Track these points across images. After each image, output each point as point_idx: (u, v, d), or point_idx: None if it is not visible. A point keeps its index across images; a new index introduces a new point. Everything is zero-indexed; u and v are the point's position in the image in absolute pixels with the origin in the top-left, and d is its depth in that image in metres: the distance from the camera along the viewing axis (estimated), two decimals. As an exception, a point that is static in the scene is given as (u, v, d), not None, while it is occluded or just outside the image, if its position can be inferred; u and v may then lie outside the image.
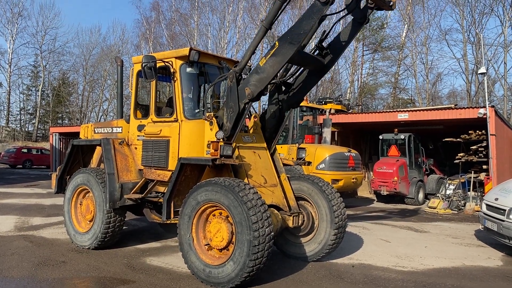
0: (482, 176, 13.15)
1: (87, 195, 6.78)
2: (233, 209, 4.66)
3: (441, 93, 37.92)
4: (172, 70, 6.10)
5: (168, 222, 5.59)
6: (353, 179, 12.18)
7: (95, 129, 7.58)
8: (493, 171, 12.20)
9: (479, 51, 27.96)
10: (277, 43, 5.11)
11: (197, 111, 6.36)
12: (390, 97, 35.29)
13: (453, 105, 16.89)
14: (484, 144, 13.16)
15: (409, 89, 35.57)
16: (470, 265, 6.32)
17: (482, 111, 12.32)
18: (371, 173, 15.27)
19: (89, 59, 45.90)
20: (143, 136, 6.47)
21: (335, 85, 34.43)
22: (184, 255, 5.10)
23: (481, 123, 12.76)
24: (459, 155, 14.26)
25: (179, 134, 5.96)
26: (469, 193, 12.91)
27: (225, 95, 5.90)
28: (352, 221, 9.74)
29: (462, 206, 12.53)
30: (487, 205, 7.41)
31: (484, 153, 13.37)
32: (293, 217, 5.66)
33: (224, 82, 6.29)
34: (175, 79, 6.09)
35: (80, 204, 6.89)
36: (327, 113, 14.62)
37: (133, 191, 6.39)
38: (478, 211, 9.57)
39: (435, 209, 12.48)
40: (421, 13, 33.06)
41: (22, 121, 47.55)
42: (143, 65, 5.83)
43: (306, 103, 13.83)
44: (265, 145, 6.12)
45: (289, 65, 5.88)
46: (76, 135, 16.54)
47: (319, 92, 32.50)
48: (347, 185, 12.11)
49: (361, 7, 5.33)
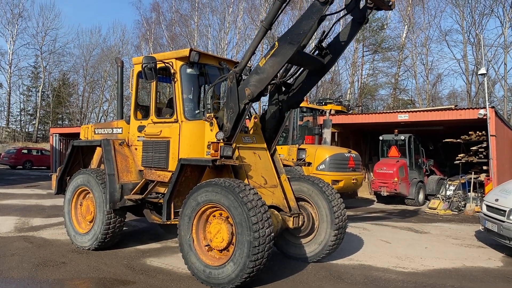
0: (482, 177, 13.14)
1: (87, 196, 6.77)
2: (233, 210, 4.66)
3: (441, 94, 37.96)
4: (172, 71, 6.10)
5: (168, 223, 5.59)
6: (353, 180, 12.18)
7: (95, 130, 7.59)
8: (493, 172, 12.20)
9: (479, 52, 27.98)
10: (276, 43, 5.11)
11: (197, 112, 6.37)
12: (390, 98, 35.32)
13: (453, 106, 16.86)
14: (484, 145, 13.16)
15: (409, 90, 35.63)
16: (470, 266, 6.32)
17: (482, 112, 12.32)
18: (371, 174, 15.26)
19: (89, 60, 46.02)
20: (143, 137, 6.47)
21: (335, 86, 34.45)
22: (184, 256, 5.10)
23: (481, 124, 12.76)
24: (459, 156, 14.27)
25: (179, 135, 5.97)
26: (469, 194, 12.91)
27: (225, 96, 5.91)
28: (352, 222, 9.73)
29: (462, 207, 12.52)
30: (487, 206, 7.40)
31: (484, 154, 13.37)
32: (293, 218, 5.66)
33: (224, 83, 6.29)
34: (175, 80, 6.09)
35: (80, 205, 6.89)
36: (327, 114, 14.61)
37: (133, 192, 6.39)
38: (478, 212, 9.57)
39: (435, 210, 12.48)
40: (421, 14, 33.15)
41: (22, 122, 47.63)
42: (143, 66, 5.83)
43: (306, 104, 13.83)
44: (265, 146, 6.12)
45: (289, 65, 5.89)
46: (76, 136, 16.49)
47: (319, 93, 32.52)
48: (347, 186, 12.11)
49: (360, 7, 5.34)
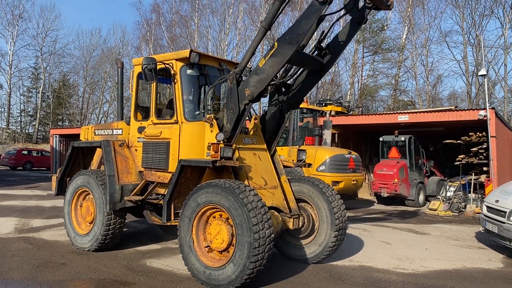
0: (482, 178, 13.13)
1: (87, 197, 6.77)
2: (233, 211, 4.65)
3: (442, 95, 37.85)
4: (172, 72, 6.10)
5: (168, 224, 5.59)
6: (354, 181, 12.17)
7: (96, 131, 7.59)
8: (494, 173, 12.19)
9: (479, 53, 27.97)
10: (276, 43, 5.12)
11: (197, 113, 6.37)
12: (390, 99, 35.30)
13: (453, 107, 16.86)
14: (484, 146, 13.15)
15: (410, 91, 35.57)
16: (470, 267, 6.31)
17: (482, 113, 12.30)
18: (372, 175, 15.25)
19: (89, 61, 45.96)
20: (144, 138, 6.47)
21: (335, 87, 34.45)
22: (184, 257, 5.10)
23: (481, 125, 12.74)
24: (459, 157, 14.25)
25: (179, 136, 5.97)
26: (469, 195, 12.91)
27: (225, 97, 5.91)
28: (352, 223, 9.73)
29: (462, 208, 12.52)
30: (488, 207, 7.40)
31: (484, 155, 13.36)
32: (294, 219, 5.66)
33: (224, 84, 6.29)
34: (176, 81, 6.09)
35: (80, 206, 6.89)
36: (328, 115, 14.62)
37: (133, 193, 6.39)
38: (478, 213, 9.57)
39: (435, 211, 12.47)
40: (421, 15, 33.10)
41: (22, 123, 47.58)
42: (144, 67, 5.83)
43: (306, 105, 13.83)
44: (265, 147, 6.12)
45: (289, 66, 5.89)
46: (76, 137, 16.51)
47: (319, 94, 32.53)
48: (348, 187, 12.10)
49: (359, 7, 5.35)
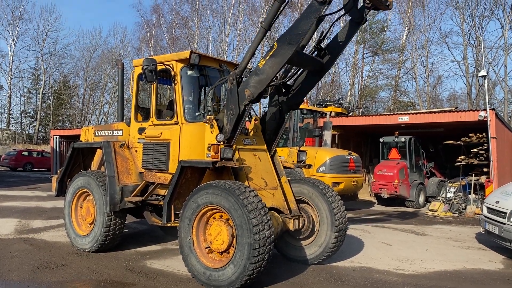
0: (482, 179, 13.13)
1: (87, 198, 6.78)
2: (233, 212, 4.65)
3: (442, 96, 37.84)
4: (172, 73, 6.11)
5: (168, 225, 5.59)
6: (354, 182, 12.16)
7: (96, 132, 7.60)
8: (494, 174, 12.18)
9: (479, 54, 27.96)
10: (275, 44, 5.12)
11: (197, 114, 6.37)
12: (390, 100, 35.30)
13: (453, 108, 16.84)
14: (484, 147, 13.15)
15: (410, 92, 35.57)
16: (471, 268, 6.31)
17: (482, 114, 12.30)
18: (372, 176, 15.25)
19: (90, 62, 45.92)
20: (144, 139, 6.48)
21: (335, 88, 34.45)
22: (184, 258, 5.09)
23: (481, 126, 12.74)
24: (459, 158, 14.25)
25: (179, 137, 5.97)
26: (470, 196, 12.90)
27: (226, 98, 5.91)
28: (352, 224, 9.72)
29: (463, 209, 12.51)
30: (488, 208, 7.40)
31: (484, 156, 13.36)
32: (294, 220, 5.65)
33: (224, 85, 6.30)
34: (176, 82, 6.09)
35: (80, 207, 6.89)
36: (328, 116, 14.60)
37: (133, 194, 6.40)
38: (479, 214, 9.56)
39: (435, 212, 12.46)
40: (422, 16, 33.09)
41: (22, 124, 47.58)
42: (144, 68, 5.84)
43: (306, 105, 13.81)
44: (266, 148, 6.12)
45: (288, 66, 5.90)
46: (76, 138, 16.55)
47: (319, 95, 32.52)
48: (348, 188, 12.09)
49: (358, 7, 5.35)
